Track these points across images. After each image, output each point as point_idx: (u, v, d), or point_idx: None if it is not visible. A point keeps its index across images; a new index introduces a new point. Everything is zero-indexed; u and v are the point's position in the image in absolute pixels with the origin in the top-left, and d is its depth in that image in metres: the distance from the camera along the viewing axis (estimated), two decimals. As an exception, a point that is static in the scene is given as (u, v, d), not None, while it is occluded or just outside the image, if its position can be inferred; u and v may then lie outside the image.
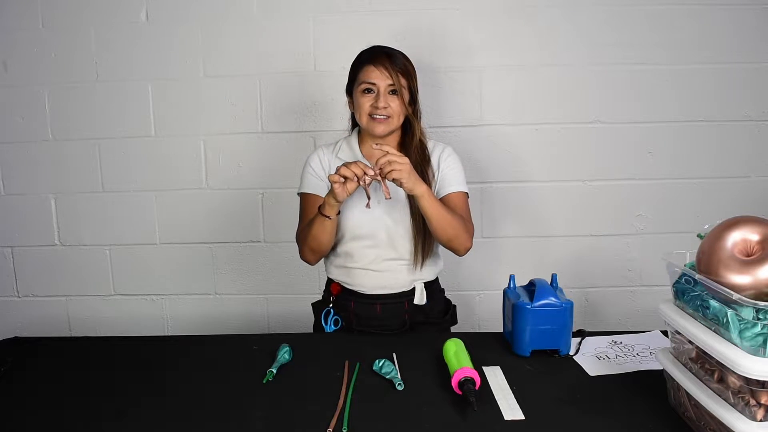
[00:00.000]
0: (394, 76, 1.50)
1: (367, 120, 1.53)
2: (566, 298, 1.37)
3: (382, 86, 1.51)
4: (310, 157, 1.65)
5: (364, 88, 1.52)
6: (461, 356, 1.25)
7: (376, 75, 1.51)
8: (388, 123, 1.53)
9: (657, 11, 2.09)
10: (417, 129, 1.58)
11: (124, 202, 2.25)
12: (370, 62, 1.52)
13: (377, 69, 1.51)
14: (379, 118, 1.52)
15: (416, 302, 1.60)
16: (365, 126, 1.55)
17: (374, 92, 1.52)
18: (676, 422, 1.08)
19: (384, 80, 1.51)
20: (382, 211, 1.55)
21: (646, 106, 2.14)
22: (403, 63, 1.54)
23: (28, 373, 1.35)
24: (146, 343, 1.56)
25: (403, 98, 1.53)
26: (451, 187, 1.60)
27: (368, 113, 1.52)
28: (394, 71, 1.51)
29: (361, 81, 1.53)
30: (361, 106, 1.53)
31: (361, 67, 1.54)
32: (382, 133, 1.54)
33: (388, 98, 1.51)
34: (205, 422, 1.12)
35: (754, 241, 0.99)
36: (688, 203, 2.18)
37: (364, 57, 1.55)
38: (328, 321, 1.60)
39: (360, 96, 1.53)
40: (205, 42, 2.15)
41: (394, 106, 1.52)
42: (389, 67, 1.51)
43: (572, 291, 1.83)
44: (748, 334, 0.90)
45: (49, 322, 2.32)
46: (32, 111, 2.21)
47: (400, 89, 1.51)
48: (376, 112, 1.51)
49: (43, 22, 2.16)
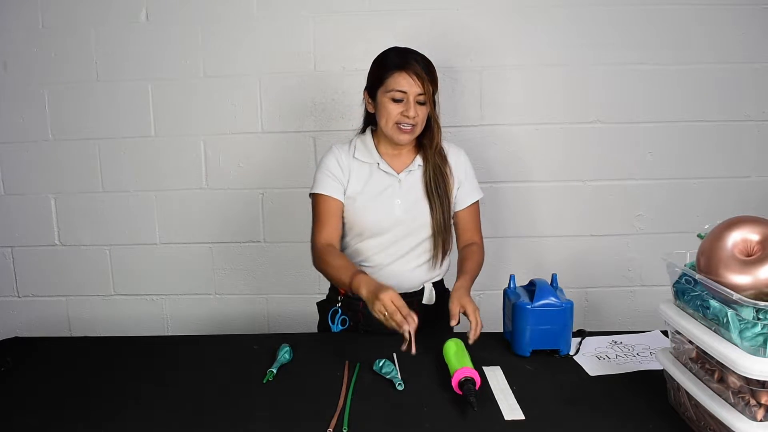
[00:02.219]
0: (425, 86, 1.47)
1: (392, 128, 1.51)
2: (566, 298, 1.37)
3: (411, 95, 1.47)
4: (326, 158, 1.60)
5: (393, 96, 1.48)
6: (461, 356, 1.25)
7: (408, 84, 1.46)
8: (412, 132, 1.51)
9: (657, 11, 2.09)
10: (437, 135, 1.57)
11: (124, 202, 2.25)
12: (403, 68, 1.47)
13: (410, 77, 1.46)
14: (405, 129, 1.49)
15: (425, 302, 1.60)
16: (389, 133, 1.52)
17: (403, 101, 1.48)
18: (676, 422, 1.08)
19: (415, 89, 1.47)
20: (402, 211, 1.54)
21: (646, 106, 2.14)
22: (433, 71, 1.51)
23: (28, 373, 1.35)
24: (146, 343, 1.56)
25: (429, 105, 1.51)
26: (470, 196, 1.62)
27: (396, 122, 1.50)
28: (426, 80, 1.47)
29: (392, 88, 1.47)
30: (389, 114, 1.49)
31: (391, 72, 1.48)
32: (406, 142, 1.53)
33: (417, 108, 1.48)
34: (205, 422, 1.12)
35: (754, 241, 0.99)
36: (688, 203, 2.18)
37: (395, 61, 1.49)
38: (335, 320, 1.60)
39: (388, 103, 1.49)
40: (205, 42, 2.15)
41: (421, 116, 1.50)
42: (421, 75, 1.46)
43: (572, 291, 1.83)
44: (748, 334, 0.90)
45: (49, 322, 2.32)
46: (32, 111, 2.20)
47: (428, 99, 1.49)
48: (404, 122, 1.49)
49: (43, 22, 2.15)
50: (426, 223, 1.55)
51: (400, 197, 1.55)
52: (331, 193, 1.55)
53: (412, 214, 1.55)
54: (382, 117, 1.52)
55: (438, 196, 1.55)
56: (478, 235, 1.64)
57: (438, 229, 1.55)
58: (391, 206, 1.54)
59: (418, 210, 1.55)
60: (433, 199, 1.55)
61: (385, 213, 1.53)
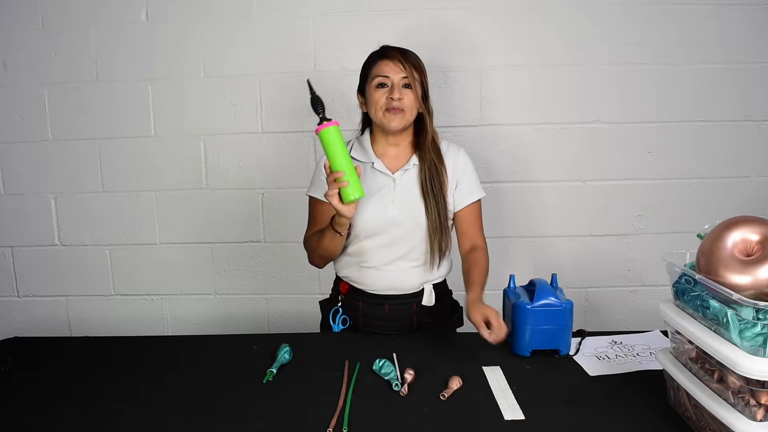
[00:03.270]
0: (407, 69, 1.50)
1: (382, 114, 1.52)
2: (566, 298, 1.37)
3: (396, 79, 1.51)
4: (321, 160, 1.59)
5: (378, 82, 1.51)
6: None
7: (390, 68, 1.51)
8: (402, 116, 1.52)
9: (657, 11, 2.09)
10: (430, 127, 1.57)
11: (124, 202, 2.25)
12: (383, 56, 1.52)
13: (391, 62, 1.51)
14: (394, 111, 1.50)
15: (425, 303, 1.60)
16: (380, 120, 1.53)
17: (388, 86, 1.51)
18: (676, 422, 1.08)
19: (398, 73, 1.50)
20: (397, 211, 1.54)
21: (646, 106, 2.14)
22: (415, 59, 1.55)
23: (28, 373, 1.35)
24: (146, 343, 1.56)
25: (417, 92, 1.53)
26: (471, 195, 1.60)
27: (383, 107, 1.51)
28: (408, 64, 1.51)
29: (375, 75, 1.52)
30: (376, 101, 1.52)
31: (374, 63, 1.54)
32: (397, 127, 1.52)
33: (402, 91, 1.51)
34: (205, 422, 1.12)
35: (754, 241, 0.99)
36: (688, 203, 2.18)
37: (377, 53, 1.56)
38: (336, 320, 1.60)
39: (374, 91, 1.52)
40: (205, 42, 2.15)
41: (408, 100, 1.51)
42: (402, 60, 1.51)
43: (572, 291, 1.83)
44: (748, 334, 0.90)
45: (49, 322, 2.32)
46: (32, 111, 2.20)
47: (413, 82, 1.51)
48: (391, 104, 1.50)
49: (43, 22, 2.15)
50: (422, 222, 1.54)
51: (396, 197, 1.54)
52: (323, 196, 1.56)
53: (408, 213, 1.54)
54: (371, 107, 1.54)
55: (433, 195, 1.54)
56: (480, 238, 1.62)
57: (434, 228, 1.54)
58: (385, 206, 1.54)
59: (413, 209, 1.54)
60: (428, 198, 1.54)
61: (380, 212, 1.53)
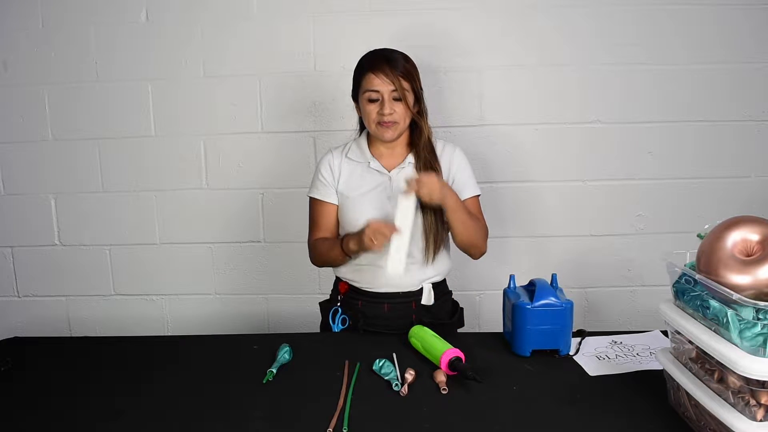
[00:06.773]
0: (396, 82, 1.50)
1: (375, 127, 1.55)
2: (566, 298, 1.37)
3: (385, 93, 1.51)
4: (321, 161, 1.66)
5: (368, 97, 1.53)
6: (436, 338, 1.33)
7: (377, 83, 1.51)
8: (395, 128, 1.54)
9: (657, 11, 2.09)
10: (425, 128, 1.59)
11: (124, 202, 2.25)
12: (371, 70, 1.52)
13: (378, 77, 1.51)
14: (386, 123, 1.53)
15: (424, 302, 1.60)
16: (373, 133, 1.57)
17: (378, 100, 1.52)
18: (676, 422, 1.08)
19: (386, 86, 1.51)
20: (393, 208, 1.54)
21: (646, 106, 2.14)
22: (403, 66, 1.54)
23: (28, 373, 1.35)
24: (146, 343, 1.56)
25: (407, 102, 1.53)
26: (466, 191, 1.61)
27: (375, 121, 1.54)
28: (395, 76, 1.51)
29: (365, 89, 1.54)
30: (368, 115, 1.55)
31: (363, 75, 1.54)
32: (391, 138, 1.55)
33: (393, 104, 1.52)
34: (205, 422, 1.12)
35: (754, 241, 0.99)
36: (688, 203, 2.18)
37: (365, 64, 1.56)
38: (336, 320, 1.61)
39: (365, 104, 1.55)
40: (205, 42, 2.15)
41: (399, 111, 1.53)
42: (390, 73, 1.50)
43: (572, 291, 1.83)
44: (748, 334, 0.90)
45: (49, 322, 2.32)
46: (32, 111, 2.20)
47: (402, 93, 1.52)
48: (382, 119, 1.52)
49: (43, 22, 2.15)
50: (418, 221, 1.54)
51: (392, 194, 1.55)
52: (324, 197, 1.62)
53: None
54: (364, 118, 1.58)
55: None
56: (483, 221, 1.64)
57: (429, 224, 1.55)
58: (381, 204, 1.55)
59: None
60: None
61: (376, 211, 1.54)
